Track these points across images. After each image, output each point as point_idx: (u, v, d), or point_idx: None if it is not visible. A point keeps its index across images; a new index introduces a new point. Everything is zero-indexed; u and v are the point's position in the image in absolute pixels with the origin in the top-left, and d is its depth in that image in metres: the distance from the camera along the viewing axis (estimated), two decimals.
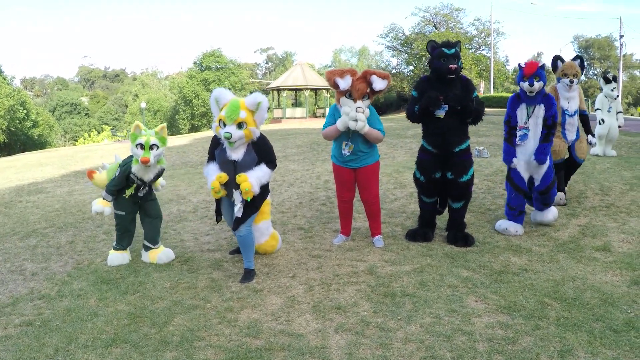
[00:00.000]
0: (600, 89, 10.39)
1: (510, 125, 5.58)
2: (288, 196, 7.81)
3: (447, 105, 5.01)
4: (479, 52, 40.84)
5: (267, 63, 74.75)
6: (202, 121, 44.33)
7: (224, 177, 4.38)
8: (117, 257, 5.10)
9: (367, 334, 3.48)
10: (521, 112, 5.51)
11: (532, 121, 5.47)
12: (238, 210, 4.44)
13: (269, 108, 4.65)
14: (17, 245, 5.95)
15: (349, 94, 4.92)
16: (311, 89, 35.85)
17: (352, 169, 5.20)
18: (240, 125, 4.28)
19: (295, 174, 9.66)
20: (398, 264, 4.77)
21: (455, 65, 4.97)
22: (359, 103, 4.88)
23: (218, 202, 4.83)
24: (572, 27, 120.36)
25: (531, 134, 5.48)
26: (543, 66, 5.33)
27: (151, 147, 4.76)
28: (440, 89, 5.03)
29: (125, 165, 4.95)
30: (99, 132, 48.08)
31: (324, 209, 6.98)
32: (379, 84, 4.85)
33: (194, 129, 43.62)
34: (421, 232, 5.48)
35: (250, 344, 3.41)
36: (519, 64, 5.40)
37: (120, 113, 60.11)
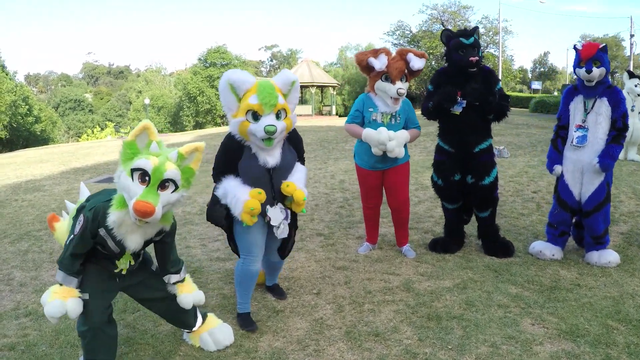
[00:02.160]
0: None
1: (560, 125, 4.51)
2: None
3: (464, 101, 4.38)
4: (487, 50, 40.33)
5: (271, 61, 74.16)
6: (206, 118, 44.12)
7: (263, 194, 3.22)
8: None
9: None
10: (577, 106, 4.40)
11: (592, 118, 4.30)
12: (282, 232, 3.39)
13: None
14: (7, 250, 5.41)
15: (385, 76, 4.27)
16: (317, 86, 35.38)
17: (380, 171, 4.56)
18: (278, 115, 3.19)
19: (307, 174, 9.10)
20: (436, 278, 4.18)
21: (477, 57, 4.30)
22: (399, 84, 4.23)
23: (229, 228, 3.48)
24: (578, 27, 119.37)
25: (590, 135, 4.31)
26: (605, 49, 4.29)
27: (164, 183, 2.44)
28: (458, 83, 4.39)
29: (94, 209, 2.52)
30: (102, 129, 47.97)
31: (343, 212, 6.40)
32: (417, 62, 4.23)
33: (198, 125, 43.32)
34: (441, 242, 4.87)
35: None
36: (575, 46, 4.40)
37: (124, 109, 59.77)
